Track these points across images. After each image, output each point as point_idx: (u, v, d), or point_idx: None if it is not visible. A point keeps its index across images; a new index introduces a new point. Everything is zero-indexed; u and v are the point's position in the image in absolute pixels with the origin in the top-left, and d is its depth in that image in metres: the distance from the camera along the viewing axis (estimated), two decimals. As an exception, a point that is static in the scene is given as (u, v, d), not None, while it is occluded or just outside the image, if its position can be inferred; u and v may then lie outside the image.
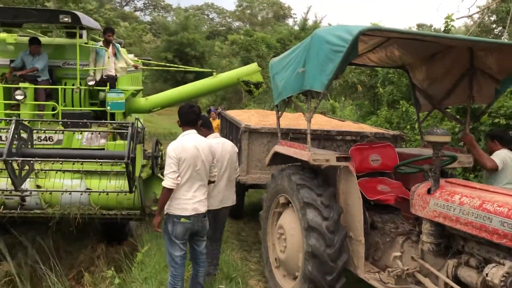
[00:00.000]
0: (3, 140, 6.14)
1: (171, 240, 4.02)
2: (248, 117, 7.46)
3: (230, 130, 7.50)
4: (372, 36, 4.49)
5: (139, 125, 5.92)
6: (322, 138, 6.01)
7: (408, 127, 9.08)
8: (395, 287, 3.73)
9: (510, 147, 4.75)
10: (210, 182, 4.31)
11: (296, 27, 35.04)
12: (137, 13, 52.50)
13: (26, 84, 6.76)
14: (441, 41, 4.29)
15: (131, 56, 8.84)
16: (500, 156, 4.61)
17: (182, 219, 3.97)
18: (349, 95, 14.98)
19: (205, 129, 4.92)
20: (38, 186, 5.81)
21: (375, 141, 5.23)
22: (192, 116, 4.21)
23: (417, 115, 5.54)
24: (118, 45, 8.07)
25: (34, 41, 7.22)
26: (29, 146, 5.48)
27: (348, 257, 4.08)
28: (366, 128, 6.82)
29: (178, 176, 3.94)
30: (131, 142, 5.29)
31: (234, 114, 8.12)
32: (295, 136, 5.92)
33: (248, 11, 52.32)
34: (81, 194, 5.78)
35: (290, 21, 50.85)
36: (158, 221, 4.09)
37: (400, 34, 3.96)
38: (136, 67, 9.41)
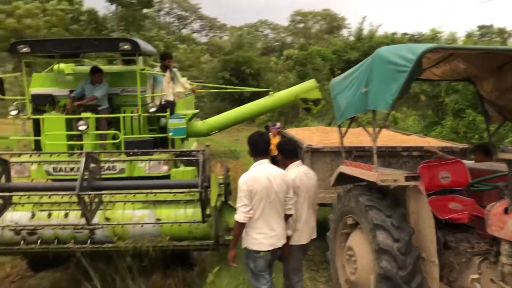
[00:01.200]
0: (68, 171, 6.36)
1: (255, 274, 3.96)
2: (309, 135, 7.49)
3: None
4: (435, 52, 4.41)
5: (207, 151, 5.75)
6: (387, 155, 5.93)
7: (476, 136, 8.73)
8: (475, 311, 3.61)
9: None
10: (287, 216, 4.11)
11: (352, 38, 34.78)
12: (194, 35, 54.27)
13: (88, 114, 6.75)
14: (508, 53, 4.14)
15: (184, 79, 9.02)
16: None
17: (262, 253, 3.90)
18: (412, 105, 14.59)
19: (286, 159, 4.59)
20: (107, 219, 5.68)
21: (444, 158, 5.09)
22: (263, 145, 4.09)
23: (487, 127, 5.34)
24: (175, 69, 8.11)
25: (96, 70, 7.24)
26: (98, 177, 5.48)
27: (421, 279, 3.98)
28: (432, 142, 6.63)
29: (250, 210, 3.84)
30: (203, 170, 5.20)
31: (294, 132, 8.18)
32: (359, 154, 5.89)
33: (302, 25, 52.50)
34: (153, 226, 5.59)
35: (344, 32, 50.53)
36: (233, 255, 4.02)
37: (464, 51, 3.87)
38: (194, 90, 9.45)
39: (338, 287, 4.92)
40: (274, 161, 4.56)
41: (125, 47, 6.52)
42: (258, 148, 4.07)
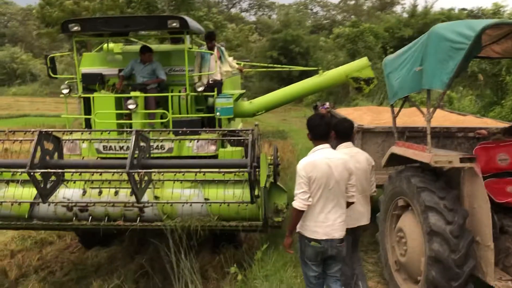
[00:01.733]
0: (117, 150, 6.48)
1: (304, 261, 3.83)
2: (360, 115, 7.35)
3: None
4: (497, 28, 4.19)
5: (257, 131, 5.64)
6: (442, 136, 5.74)
7: (539, 117, 8.25)
8: (532, 298, 3.49)
9: None
10: (348, 203, 3.89)
11: (405, 15, 33.51)
12: (243, 14, 54.11)
13: (137, 93, 6.79)
14: None
15: (230, 59, 8.95)
16: None
17: (313, 243, 3.70)
18: (468, 85, 13.95)
19: (339, 140, 4.45)
20: (156, 197, 5.69)
21: (503, 139, 4.87)
22: (324, 129, 3.82)
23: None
24: (222, 48, 7.99)
25: (146, 49, 7.20)
26: (147, 156, 5.53)
27: (475, 263, 3.89)
28: (490, 122, 6.35)
29: (309, 197, 3.64)
30: (252, 150, 5.13)
31: (345, 112, 8.04)
32: (412, 135, 5.74)
33: (353, 2, 51.08)
34: (201, 206, 5.56)
35: (398, 8, 48.72)
36: (289, 243, 3.91)
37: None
38: (241, 70, 9.33)
39: (387, 268, 4.89)
40: None
41: (174, 24, 6.45)
42: (319, 131, 3.82)
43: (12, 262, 6.79)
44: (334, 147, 4.30)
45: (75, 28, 6.60)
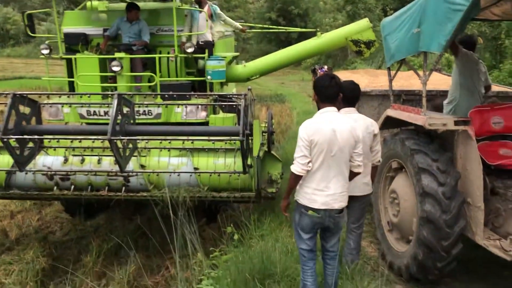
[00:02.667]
0: (102, 115, 6.07)
1: (297, 231, 3.56)
2: (357, 78, 7.28)
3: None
4: (496, -11, 4.14)
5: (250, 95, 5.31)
6: (438, 99, 5.74)
7: (537, 82, 8.24)
8: (519, 255, 3.61)
9: None
10: (353, 174, 3.57)
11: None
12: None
13: (122, 54, 6.36)
14: None
15: (229, 19, 8.37)
16: None
17: (310, 212, 3.41)
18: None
19: (344, 104, 4.08)
20: (142, 166, 5.40)
21: (497, 102, 4.89)
22: (333, 91, 3.45)
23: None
24: (214, 6, 7.50)
25: (133, 6, 6.74)
26: (132, 122, 5.19)
27: (465, 224, 3.99)
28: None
29: (309, 162, 3.35)
30: (245, 116, 4.82)
31: (342, 76, 7.97)
32: (408, 98, 5.75)
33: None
34: (190, 176, 5.29)
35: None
36: (285, 205, 3.71)
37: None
38: (244, 30, 8.94)
39: (380, 228, 5.00)
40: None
41: None
42: (327, 93, 3.45)
43: (12, 223, 6.89)
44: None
45: None
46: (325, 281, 3.72)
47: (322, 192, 3.39)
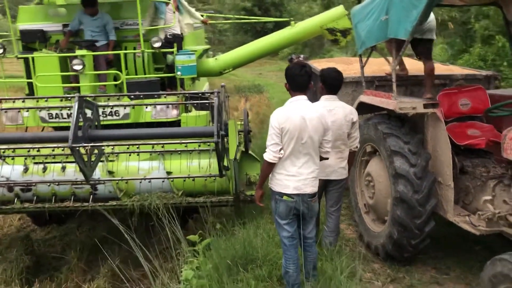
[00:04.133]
0: (64, 118, 5.70)
1: (276, 220, 3.64)
2: (332, 66, 7.43)
3: (314, 82, 7.56)
4: (459, -24, 4.29)
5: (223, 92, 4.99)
6: (410, 84, 5.91)
7: (505, 63, 8.51)
8: (486, 230, 3.80)
9: None
10: (322, 158, 3.68)
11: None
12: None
13: (84, 52, 5.88)
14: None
15: (193, 10, 7.91)
16: None
17: (285, 197, 3.50)
18: (439, 33, 14.11)
19: (327, 91, 4.23)
20: (110, 172, 5.02)
21: (465, 85, 5.08)
22: (304, 79, 3.51)
23: (512, 53, 5.25)
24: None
25: (88, 1, 6.25)
26: (96, 125, 4.79)
27: (437, 202, 4.17)
28: (456, 70, 6.53)
29: (281, 149, 3.44)
30: (219, 116, 4.56)
31: (317, 64, 8.10)
32: (381, 83, 5.88)
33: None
34: (163, 181, 5.00)
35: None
36: (260, 195, 3.75)
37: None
38: (205, 22, 8.40)
39: (357, 211, 5.17)
40: None
41: None
42: (298, 82, 3.52)
43: (-7, 223, 6.85)
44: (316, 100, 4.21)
45: None
46: (305, 266, 3.80)
47: (294, 178, 3.49)
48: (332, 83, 4.22)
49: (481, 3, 5.27)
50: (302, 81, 3.52)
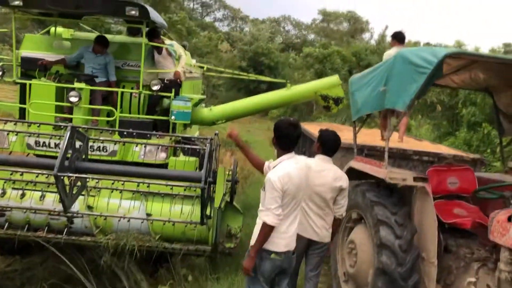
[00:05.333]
0: (51, 147, 5.64)
1: (255, 277, 3.43)
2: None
3: (303, 142, 7.62)
4: (456, 59, 4.46)
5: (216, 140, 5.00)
6: (398, 157, 5.97)
7: (489, 151, 8.74)
8: (468, 313, 3.70)
9: None
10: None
11: (373, 41, 34.59)
12: (216, 24, 54.33)
13: (83, 85, 5.95)
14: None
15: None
16: None
17: (273, 255, 3.37)
18: (427, 114, 14.59)
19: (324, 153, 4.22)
20: (89, 207, 4.95)
21: (454, 164, 5.15)
22: (296, 139, 3.52)
23: (500, 139, 5.38)
24: (173, 47, 7.17)
25: (101, 40, 6.46)
26: (83, 157, 4.75)
27: (418, 278, 4.07)
28: (444, 149, 6.67)
29: (282, 211, 3.33)
30: (209, 162, 4.52)
31: (308, 127, 8.21)
32: (370, 153, 5.94)
33: (325, 24, 52.32)
34: (141, 222, 4.88)
35: (367, 35, 50.29)
36: (253, 265, 3.41)
37: (487, 58, 3.93)
38: (178, 76, 7.78)
39: (335, 279, 5.02)
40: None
41: (132, 12, 5.73)
42: (290, 141, 3.49)
43: None
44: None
45: (16, 2, 5.67)
46: None
47: (285, 235, 3.42)
48: (330, 145, 4.23)
49: (474, 88, 5.47)
50: (294, 140, 3.51)
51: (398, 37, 6.77)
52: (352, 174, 5.06)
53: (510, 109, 5.02)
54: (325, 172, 4.13)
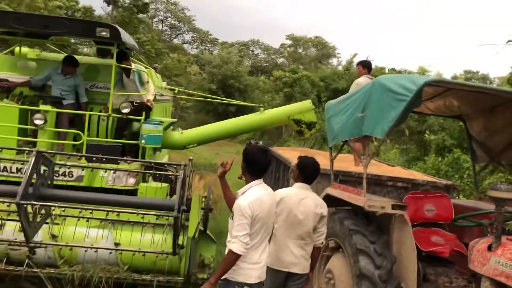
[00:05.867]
0: (13, 172, 5.37)
1: None
2: (295, 156, 7.46)
3: (277, 168, 7.53)
4: (433, 86, 4.49)
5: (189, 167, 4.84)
6: (372, 183, 5.95)
7: (457, 176, 8.87)
8: None
9: None
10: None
11: (340, 67, 35.32)
12: (185, 46, 54.32)
13: (48, 107, 5.79)
14: (508, 95, 4.24)
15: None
16: None
17: None
18: (395, 139, 14.84)
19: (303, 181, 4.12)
20: (53, 236, 4.69)
21: (430, 191, 5.15)
22: (267, 165, 3.46)
23: (473, 166, 5.44)
24: (139, 72, 6.93)
25: (70, 61, 6.29)
26: (49, 183, 4.54)
27: (399, 309, 3.97)
28: (417, 175, 6.70)
29: (250, 239, 3.24)
30: (182, 189, 4.37)
31: (281, 151, 8.14)
32: (344, 178, 5.89)
33: (293, 49, 53.19)
34: (110, 252, 4.64)
35: (334, 61, 51.37)
36: None
37: (465, 87, 3.95)
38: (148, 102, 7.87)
39: (312, 309, 4.87)
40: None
41: (103, 33, 5.57)
42: (261, 167, 3.42)
43: None
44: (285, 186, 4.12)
45: None
46: None
47: (258, 265, 3.33)
48: (309, 173, 4.14)
49: (447, 115, 5.53)
50: (265, 167, 3.44)
51: (367, 66, 7.00)
52: (328, 200, 4.98)
53: (482, 136, 5.08)
54: (306, 199, 4.03)
